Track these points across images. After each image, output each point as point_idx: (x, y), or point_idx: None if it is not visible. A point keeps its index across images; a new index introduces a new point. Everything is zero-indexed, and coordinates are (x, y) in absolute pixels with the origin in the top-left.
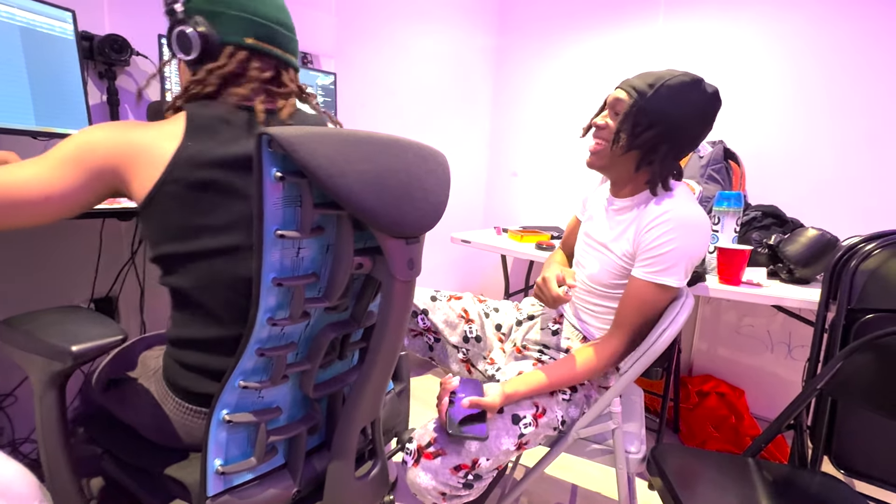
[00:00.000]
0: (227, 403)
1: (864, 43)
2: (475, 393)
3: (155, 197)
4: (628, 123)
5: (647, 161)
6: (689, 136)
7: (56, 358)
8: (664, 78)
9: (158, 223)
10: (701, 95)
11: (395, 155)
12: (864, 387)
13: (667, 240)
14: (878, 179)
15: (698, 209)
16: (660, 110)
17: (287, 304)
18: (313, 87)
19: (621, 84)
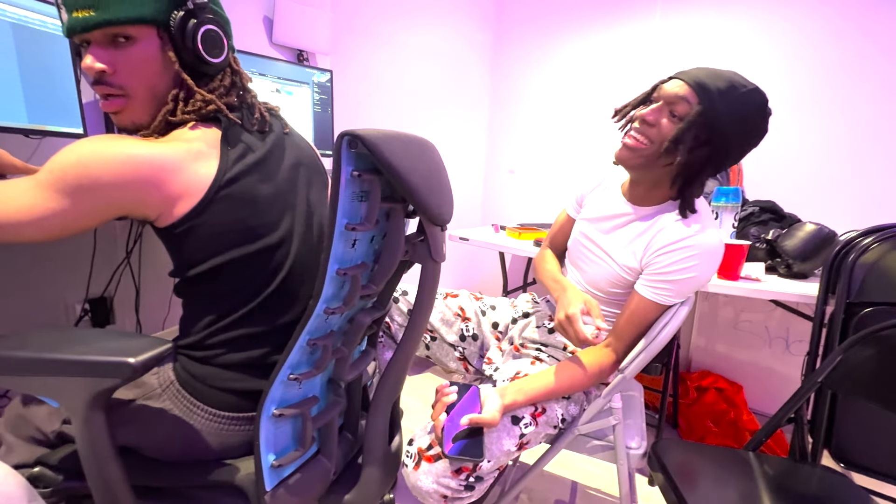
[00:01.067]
0: (274, 399)
1: (860, 39)
2: (472, 404)
3: (202, 213)
4: (691, 134)
5: (684, 176)
6: (731, 159)
7: (109, 373)
8: (737, 87)
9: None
10: (762, 120)
11: (427, 152)
12: (864, 380)
13: (684, 267)
14: (875, 173)
15: (717, 233)
16: (723, 128)
17: (339, 293)
18: (309, 84)
19: (682, 76)
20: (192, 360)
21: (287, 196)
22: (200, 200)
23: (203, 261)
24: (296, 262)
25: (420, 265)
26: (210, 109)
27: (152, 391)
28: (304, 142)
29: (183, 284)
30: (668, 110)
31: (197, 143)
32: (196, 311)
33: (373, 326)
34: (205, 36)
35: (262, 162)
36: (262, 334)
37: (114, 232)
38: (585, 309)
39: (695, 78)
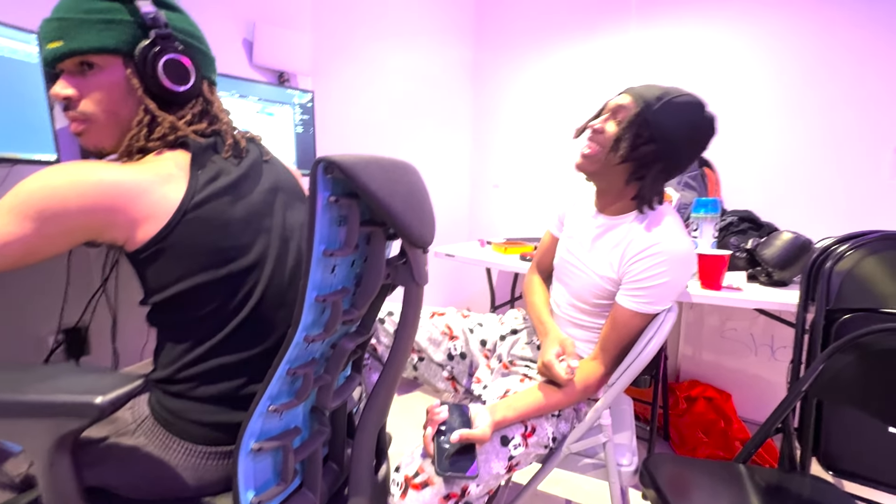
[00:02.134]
0: (254, 432)
1: (832, 50)
2: (463, 421)
3: (168, 236)
4: (631, 132)
5: (638, 175)
6: (683, 158)
7: (74, 414)
8: (671, 94)
9: (176, 259)
10: (703, 120)
11: (408, 175)
12: (846, 387)
13: (657, 273)
14: (846, 182)
15: (686, 239)
16: (663, 126)
17: (320, 320)
18: (291, 105)
19: (626, 90)
20: (166, 395)
21: (262, 219)
22: (167, 223)
23: (170, 285)
24: (270, 287)
25: (403, 288)
26: (178, 135)
27: (126, 427)
28: (284, 168)
29: (153, 312)
30: (613, 117)
31: (166, 166)
32: (168, 341)
33: (357, 351)
34: (167, 65)
35: (235, 185)
36: (237, 364)
37: (88, 259)
38: (560, 352)
39: (634, 90)
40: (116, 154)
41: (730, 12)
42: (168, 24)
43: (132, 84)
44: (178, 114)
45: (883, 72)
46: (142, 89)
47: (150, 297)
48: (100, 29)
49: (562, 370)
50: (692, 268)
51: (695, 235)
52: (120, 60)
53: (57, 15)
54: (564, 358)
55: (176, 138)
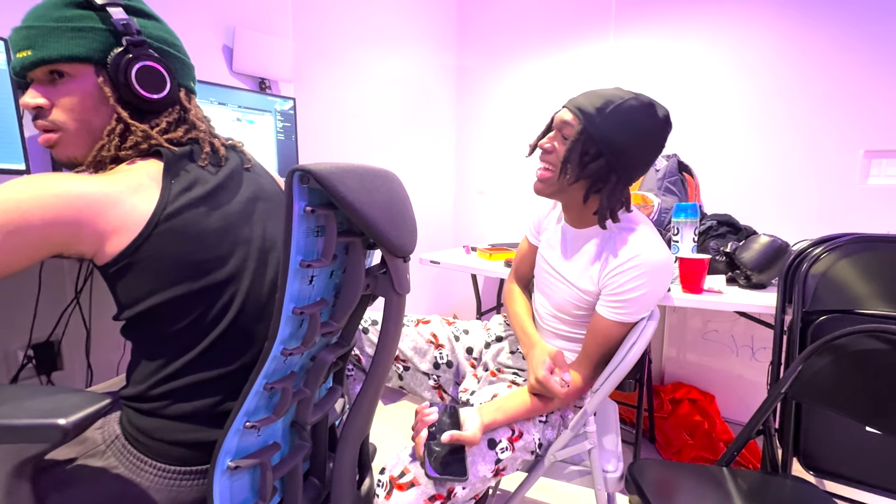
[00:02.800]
0: (230, 450)
1: (803, 61)
2: (453, 423)
3: (139, 248)
4: (576, 153)
5: (594, 190)
6: (639, 162)
7: (36, 438)
8: (613, 101)
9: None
10: (651, 121)
11: (387, 184)
12: (823, 387)
13: (637, 285)
14: (819, 186)
15: (664, 248)
16: (608, 139)
17: (297, 333)
18: (272, 112)
19: (567, 104)
20: (138, 413)
21: (240, 230)
22: (138, 235)
23: (142, 299)
24: (248, 300)
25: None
26: (151, 144)
27: (95, 448)
28: (266, 176)
29: (127, 327)
30: (560, 135)
31: (137, 175)
32: (141, 356)
33: (338, 363)
34: (141, 72)
35: (211, 194)
36: (214, 380)
37: (61, 270)
38: (552, 366)
39: (575, 103)
40: (85, 164)
41: (705, 24)
42: (141, 32)
43: (104, 92)
44: (152, 122)
45: (851, 82)
46: (114, 98)
47: (122, 311)
48: (70, 37)
49: (557, 385)
50: (671, 276)
51: (675, 240)
52: (91, 69)
53: (27, 23)
54: (556, 371)
55: (149, 147)
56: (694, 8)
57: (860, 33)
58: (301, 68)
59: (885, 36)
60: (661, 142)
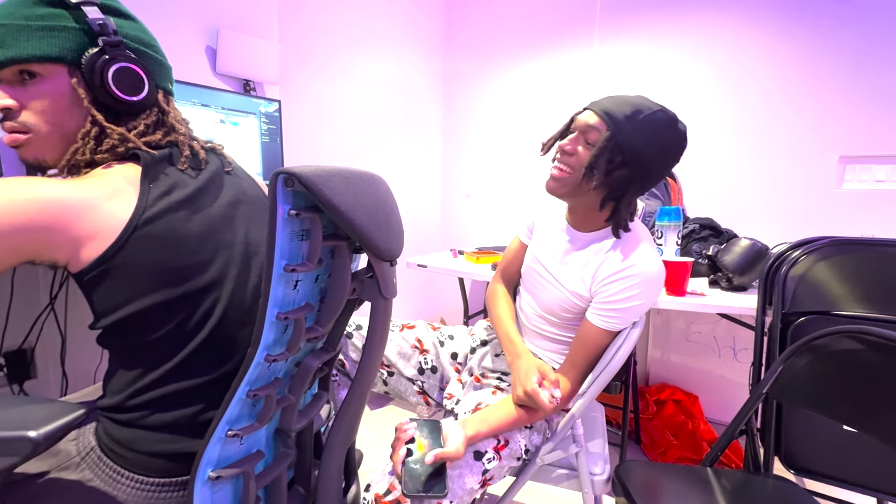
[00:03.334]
0: (211, 459)
1: (782, 66)
2: (435, 438)
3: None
4: (604, 159)
5: (612, 198)
6: (656, 175)
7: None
8: (642, 111)
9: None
10: (675, 136)
11: (374, 186)
12: (802, 388)
13: (630, 295)
14: (797, 190)
15: (658, 261)
16: (636, 149)
17: (282, 339)
18: (256, 114)
19: (592, 107)
20: (115, 424)
21: (222, 235)
22: (115, 241)
23: (120, 307)
24: (231, 306)
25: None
26: (128, 147)
27: (69, 460)
28: (249, 179)
29: (104, 336)
30: (583, 139)
31: (114, 180)
32: (119, 365)
33: (324, 368)
34: (118, 74)
35: (191, 199)
36: (196, 388)
37: (35, 274)
38: (540, 378)
39: (602, 107)
40: (58, 168)
41: (687, 33)
42: (118, 32)
43: (78, 94)
44: (129, 125)
45: (826, 90)
46: (88, 99)
47: (99, 320)
48: (41, 36)
49: (546, 398)
50: (661, 284)
51: (659, 243)
52: (64, 69)
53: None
54: (546, 385)
55: (126, 150)
56: (676, 17)
57: (835, 44)
58: (287, 70)
59: (858, 47)
60: (678, 157)
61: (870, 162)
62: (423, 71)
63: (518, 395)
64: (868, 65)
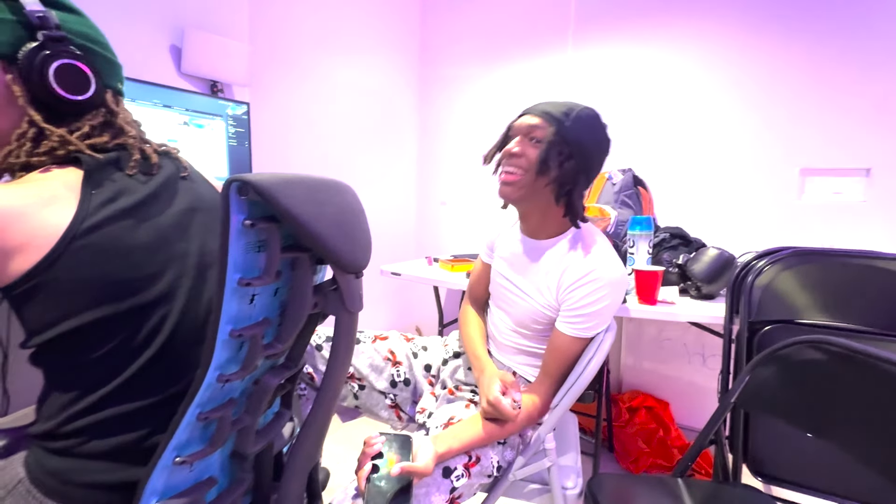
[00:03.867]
0: (155, 489)
1: (747, 80)
2: (403, 454)
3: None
4: (554, 152)
5: (564, 192)
6: (597, 165)
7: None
8: (574, 109)
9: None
10: (603, 128)
11: (339, 195)
12: (768, 396)
13: (595, 299)
14: (762, 201)
15: (618, 262)
16: (578, 140)
17: (237, 357)
18: (223, 117)
19: (531, 111)
20: (47, 453)
21: (174, 245)
22: (49, 252)
23: (54, 324)
24: (183, 322)
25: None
26: (69, 150)
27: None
28: (206, 186)
29: (36, 355)
30: (527, 139)
31: (51, 185)
32: (52, 388)
33: (286, 385)
34: (60, 71)
35: (140, 206)
36: (140, 411)
37: None
38: (503, 388)
39: (540, 110)
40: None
41: (659, 41)
42: (61, 27)
43: (13, 92)
44: (72, 126)
45: (789, 104)
46: (25, 98)
47: (31, 337)
48: None
49: (508, 406)
50: (626, 288)
51: (631, 252)
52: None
53: None
54: (508, 392)
55: (67, 153)
56: (646, 27)
57: (798, 60)
58: (257, 72)
59: (820, 63)
60: (608, 149)
61: (828, 174)
62: (398, 76)
63: (483, 407)
64: (826, 81)
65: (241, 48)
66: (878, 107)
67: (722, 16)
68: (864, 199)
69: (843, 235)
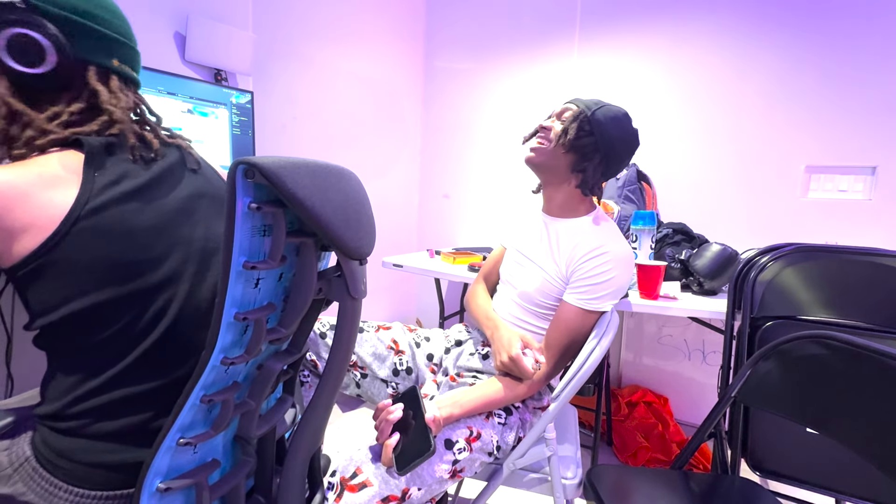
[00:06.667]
0: (160, 470)
1: (753, 77)
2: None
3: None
4: (574, 126)
5: (580, 166)
6: (616, 155)
7: None
8: (606, 103)
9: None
10: (630, 127)
11: (345, 181)
12: (769, 391)
13: (605, 270)
14: (766, 198)
15: (626, 243)
16: (600, 124)
17: (241, 340)
18: (227, 105)
19: (570, 99)
20: (54, 433)
21: (178, 229)
22: (53, 233)
23: (59, 306)
24: (187, 306)
25: (337, 303)
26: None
27: (1, 472)
28: (213, 172)
29: (40, 337)
30: (558, 118)
31: (52, 166)
32: (58, 370)
33: (288, 371)
34: (12, 41)
35: (144, 189)
36: (145, 395)
37: None
38: (523, 346)
39: (576, 98)
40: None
41: (661, 44)
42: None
43: None
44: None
45: (793, 102)
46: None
47: (35, 320)
48: None
49: (530, 364)
50: (632, 269)
51: (634, 246)
52: None
53: None
54: (530, 353)
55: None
56: (652, 28)
57: (802, 59)
58: (261, 62)
59: (824, 61)
60: (634, 146)
61: (833, 172)
62: (403, 67)
63: (502, 360)
64: (833, 78)
65: (245, 37)
66: (885, 105)
67: (727, 14)
68: (869, 197)
69: (848, 233)
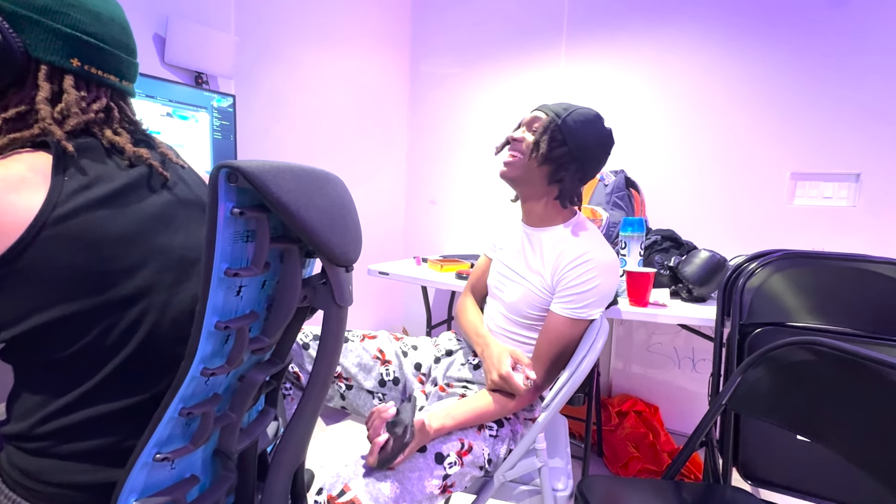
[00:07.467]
0: (134, 488)
1: (740, 85)
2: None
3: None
4: (546, 136)
5: (557, 177)
6: (592, 160)
7: None
8: (575, 107)
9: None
10: (603, 129)
11: (330, 186)
12: (759, 398)
13: (589, 278)
14: (753, 204)
15: (611, 250)
16: (572, 131)
17: (222, 350)
18: (208, 109)
19: (538, 107)
20: (22, 453)
21: (155, 238)
22: (17, 241)
23: (22, 318)
24: (164, 318)
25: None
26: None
27: None
28: (193, 177)
29: (5, 351)
30: (529, 128)
31: (18, 168)
32: (26, 386)
33: (271, 382)
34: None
35: (118, 195)
36: (119, 413)
37: None
38: (513, 362)
39: (543, 107)
40: None
41: (648, 52)
42: None
43: None
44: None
45: (779, 110)
46: None
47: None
48: None
49: (520, 381)
50: (618, 276)
51: (623, 253)
52: None
53: None
54: (521, 368)
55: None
56: (638, 36)
57: (788, 67)
58: (243, 65)
59: (810, 69)
60: (609, 148)
61: (818, 179)
62: (389, 71)
63: (493, 379)
64: (817, 87)
65: (227, 39)
66: (868, 113)
67: (713, 21)
68: (854, 203)
69: (833, 239)
